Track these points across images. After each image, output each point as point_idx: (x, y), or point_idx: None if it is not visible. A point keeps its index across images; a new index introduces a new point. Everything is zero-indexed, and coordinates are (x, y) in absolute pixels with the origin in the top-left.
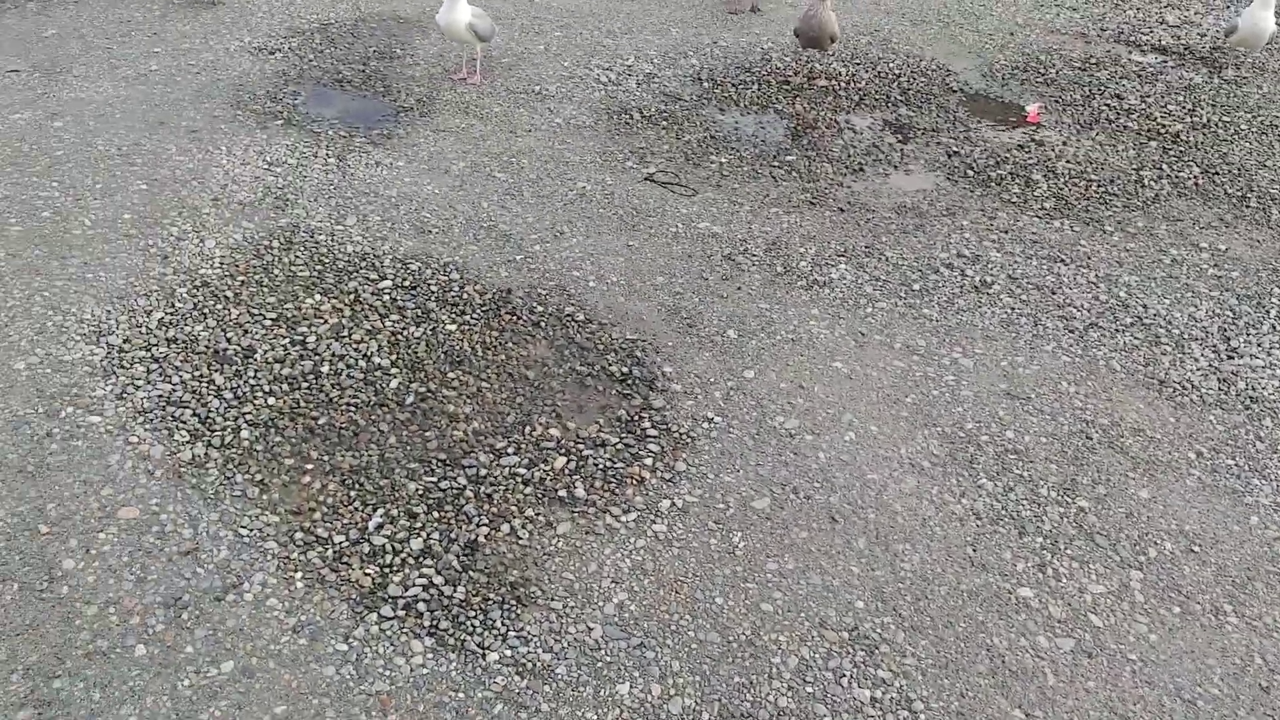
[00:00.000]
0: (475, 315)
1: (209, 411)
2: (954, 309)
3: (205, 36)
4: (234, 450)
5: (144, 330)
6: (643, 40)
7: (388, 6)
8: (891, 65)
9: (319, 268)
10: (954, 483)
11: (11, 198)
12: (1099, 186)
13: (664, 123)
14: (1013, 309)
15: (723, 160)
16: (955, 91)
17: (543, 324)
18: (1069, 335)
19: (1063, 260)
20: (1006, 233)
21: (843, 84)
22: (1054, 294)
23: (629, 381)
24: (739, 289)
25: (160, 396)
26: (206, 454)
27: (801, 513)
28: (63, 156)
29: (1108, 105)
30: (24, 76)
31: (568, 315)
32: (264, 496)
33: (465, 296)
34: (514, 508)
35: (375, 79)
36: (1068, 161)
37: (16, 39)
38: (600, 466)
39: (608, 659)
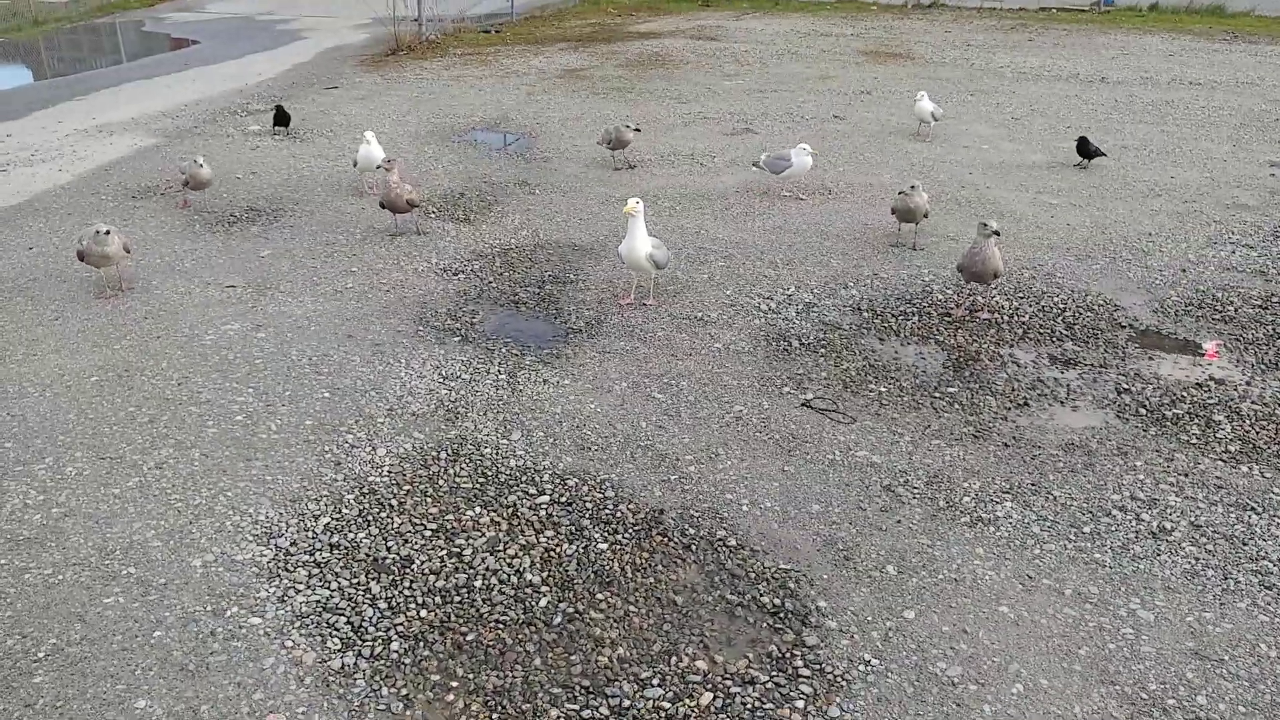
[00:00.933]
0: (627, 535)
1: (363, 620)
2: (1129, 555)
3: (398, 259)
4: (382, 662)
5: (310, 534)
6: (804, 271)
7: (564, 235)
8: (1056, 300)
9: (481, 480)
10: None
11: (213, 402)
12: None
13: (822, 350)
14: (1197, 559)
15: (882, 389)
16: (1124, 327)
17: (694, 547)
18: (1266, 592)
19: (1254, 509)
20: (1186, 475)
21: (1005, 317)
22: (1245, 545)
23: (781, 614)
24: (898, 522)
25: (318, 602)
26: (356, 664)
27: None
28: (261, 364)
29: None
30: (239, 291)
31: (719, 540)
32: (408, 713)
33: (619, 515)
34: None
35: (548, 301)
36: (1253, 403)
37: (238, 259)
38: (749, 706)
39: None
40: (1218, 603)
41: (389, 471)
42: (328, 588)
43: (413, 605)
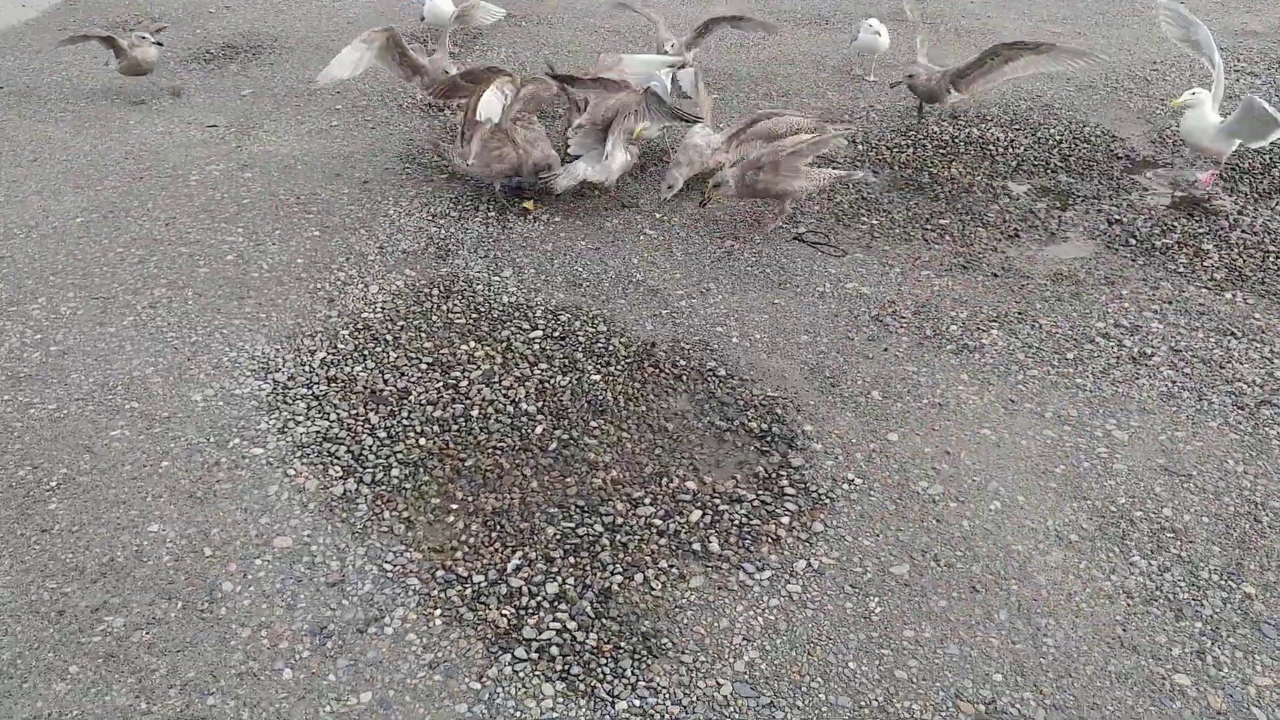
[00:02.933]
0: (619, 367)
1: (362, 449)
2: (1109, 380)
3: (381, 95)
4: (383, 487)
5: (307, 369)
6: (798, 104)
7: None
8: (1052, 131)
9: (475, 316)
10: (1103, 558)
11: (202, 242)
12: (1278, 257)
13: None
14: (1174, 382)
15: (874, 222)
16: (1120, 158)
17: (684, 378)
18: (1238, 412)
19: (1233, 333)
20: (1170, 303)
21: (1001, 149)
22: (1222, 368)
23: (768, 438)
24: (885, 350)
25: (318, 433)
26: (358, 490)
27: (941, 581)
28: (249, 204)
29: None
30: (221, 131)
31: (709, 370)
32: (409, 534)
33: (611, 348)
34: (648, 558)
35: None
36: (1243, 231)
37: (218, 97)
38: (736, 522)
39: (735, 716)
40: (1191, 422)
41: (382, 308)
42: (327, 419)
43: (411, 434)
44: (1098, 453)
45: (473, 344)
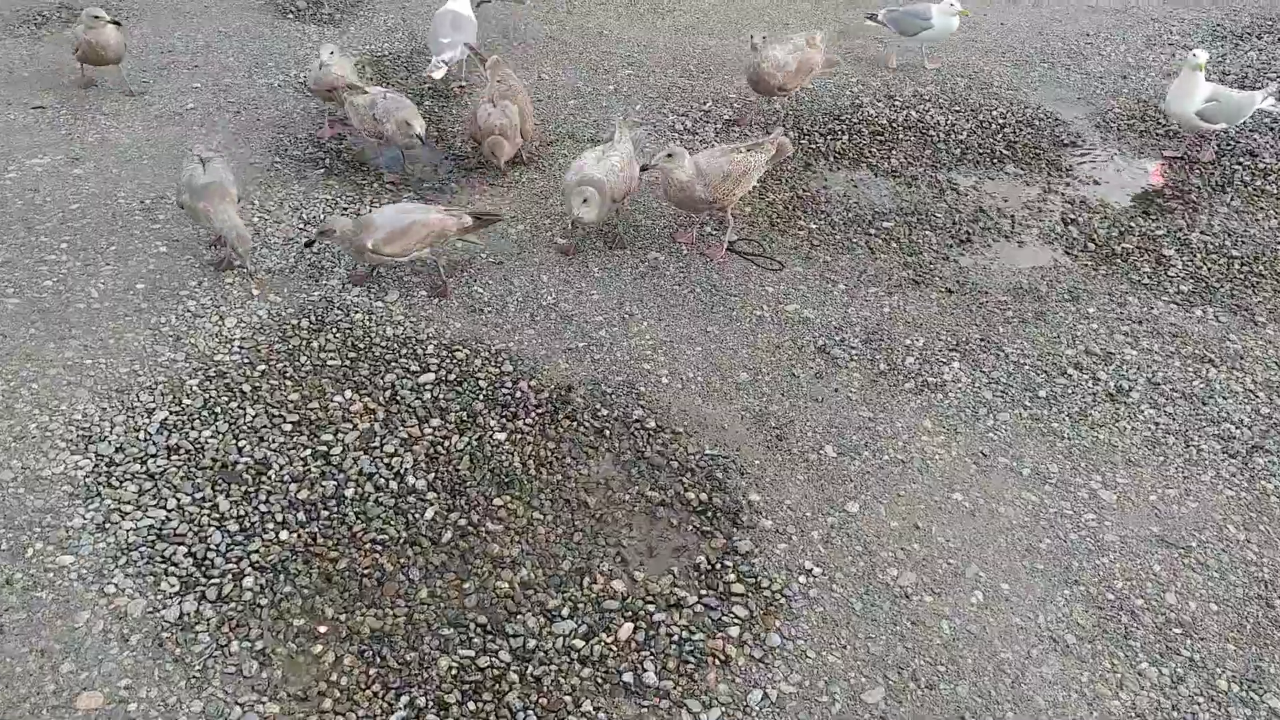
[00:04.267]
0: (529, 420)
1: (207, 549)
2: (1088, 423)
3: (249, 70)
4: (233, 605)
5: (142, 435)
6: (721, 81)
7: None
8: (994, 113)
9: (352, 355)
10: (1107, 666)
11: (13, 262)
12: (1242, 264)
13: None
14: (1157, 424)
15: (812, 226)
16: (1067, 145)
17: (607, 432)
18: (1230, 461)
19: (1210, 361)
20: (1140, 324)
21: (942, 134)
22: (1204, 404)
23: (709, 514)
24: (835, 390)
25: (151, 528)
26: (198, 611)
27: (924, 709)
28: (78, 211)
29: (1240, 164)
30: (49, 114)
31: (636, 421)
32: (264, 674)
33: (518, 395)
34: (568, 698)
35: (429, 119)
36: (1202, 232)
37: (48, 70)
38: (674, 638)
39: None
40: (1181, 476)
41: (240, 346)
42: (164, 508)
43: (270, 525)
44: (1085, 520)
45: (349, 394)
